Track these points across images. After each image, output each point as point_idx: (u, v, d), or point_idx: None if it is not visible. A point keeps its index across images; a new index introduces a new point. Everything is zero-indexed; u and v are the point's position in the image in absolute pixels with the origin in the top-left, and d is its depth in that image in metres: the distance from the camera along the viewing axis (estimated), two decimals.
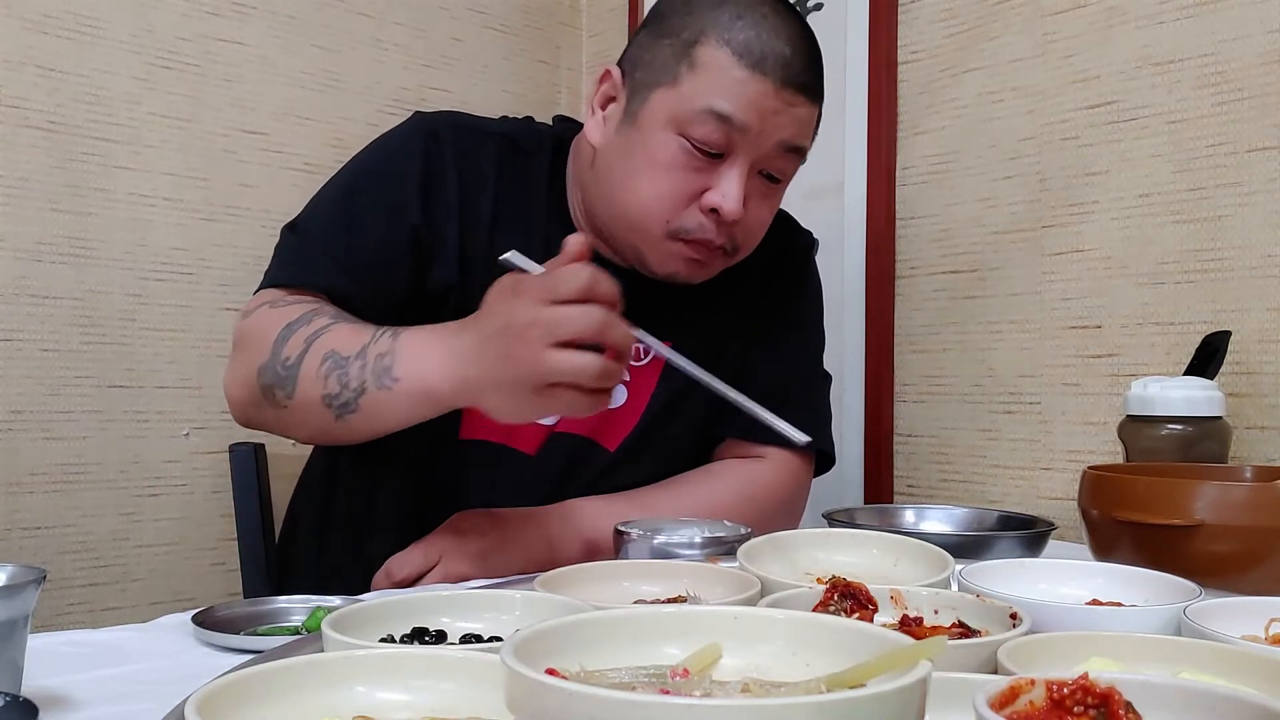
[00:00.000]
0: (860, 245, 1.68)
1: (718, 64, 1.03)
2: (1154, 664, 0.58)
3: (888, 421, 1.65)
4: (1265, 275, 1.28)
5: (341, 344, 0.96)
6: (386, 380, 0.93)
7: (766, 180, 1.08)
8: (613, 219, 1.10)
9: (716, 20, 1.04)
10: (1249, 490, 0.91)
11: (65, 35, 1.61)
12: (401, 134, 1.15)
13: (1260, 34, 1.28)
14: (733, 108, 1.02)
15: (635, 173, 1.06)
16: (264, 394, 1.01)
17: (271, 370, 0.99)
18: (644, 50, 1.08)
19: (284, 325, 1.00)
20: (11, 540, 1.55)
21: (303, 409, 0.99)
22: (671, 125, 1.04)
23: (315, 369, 0.96)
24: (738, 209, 1.04)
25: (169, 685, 0.60)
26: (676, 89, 1.04)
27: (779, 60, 1.03)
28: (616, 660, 0.47)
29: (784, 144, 1.06)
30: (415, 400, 0.93)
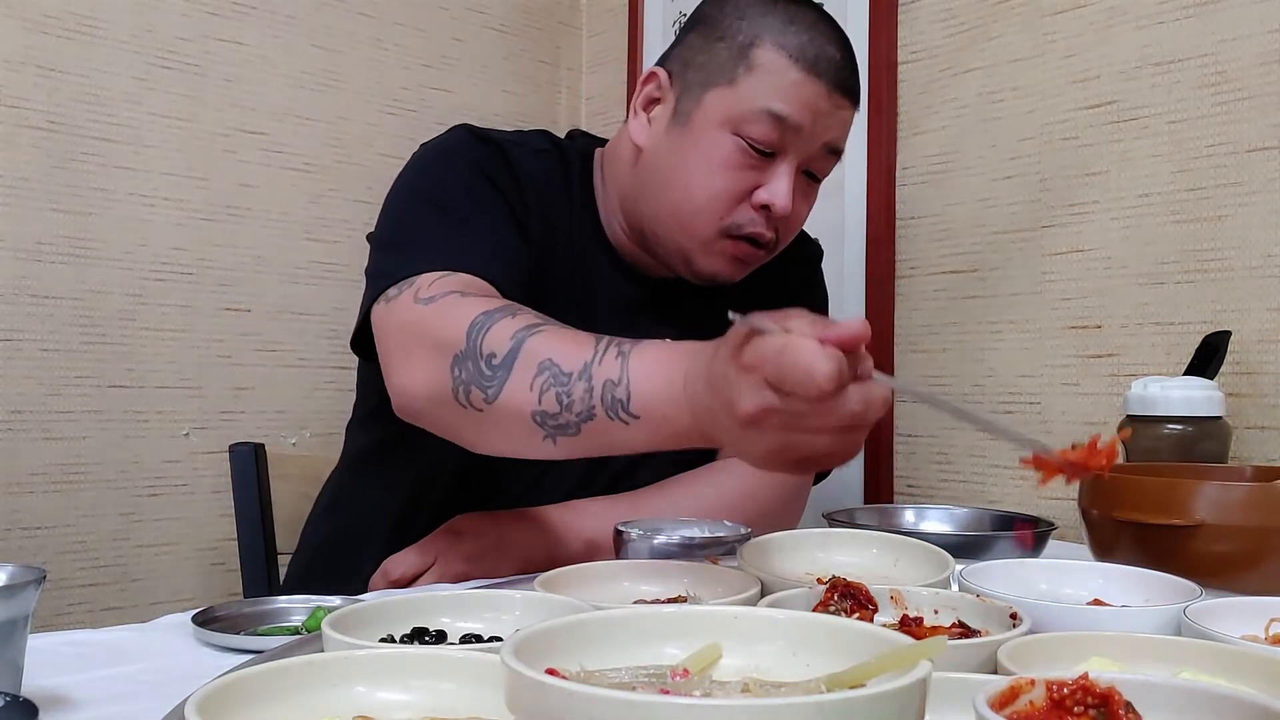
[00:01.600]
0: (860, 245, 1.68)
1: (775, 65, 1.06)
2: (1154, 664, 0.58)
3: (888, 421, 1.65)
4: (1265, 275, 1.28)
5: (559, 353, 0.83)
6: (621, 413, 0.80)
7: (809, 179, 1.13)
8: (661, 219, 1.12)
9: (770, 25, 1.07)
10: (1249, 490, 0.91)
11: (65, 35, 1.61)
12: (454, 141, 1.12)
13: (1260, 34, 1.28)
14: (789, 108, 1.05)
15: (689, 171, 1.08)
16: (457, 392, 0.88)
17: (471, 363, 0.86)
18: (696, 52, 1.11)
19: (481, 312, 0.88)
20: (11, 540, 1.55)
21: (505, 418, 0.86)
22: (727, 125, 1.07)
23: (529, 379, 0.84)
24: (788, 205, 1.08)
25: (169, 685, 0.60)
26: (734, 89, 1.06)
27: (832, 64, 1.07)
28: (616, 660, 0.47)
29: (829, 145, 1.10)
30: (651, 439, 0.81)
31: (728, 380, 0.70)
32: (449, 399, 0.88)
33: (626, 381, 0.80)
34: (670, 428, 0.79)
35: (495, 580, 0.98)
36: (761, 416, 0.68)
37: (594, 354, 0.82)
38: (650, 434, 0.80)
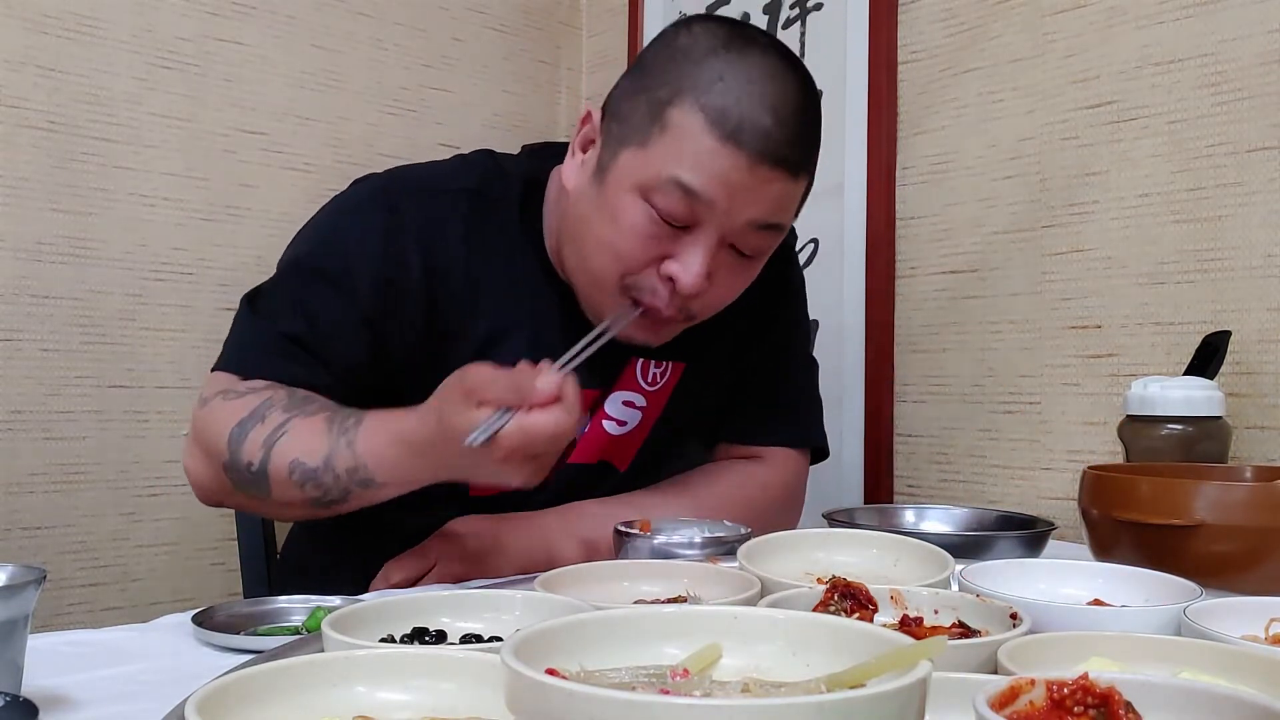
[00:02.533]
0: (860, 245, 1.68)
1: (689, 130, 0.94)
2: (1154, 664, 0.58)
3: (888, 421, 1.65)
4: (1265, 275, 1.28)
5: (302, 451, 0.93)
6: (371, 487, 0.93)
7: (736, 254, 1.01)
8: (573, 272, 1.07)
9: (696, 79, 0.95)
10: (1249, 490, 0.91)
11: (65, 35, 1.61)
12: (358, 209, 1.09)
13: (1260, 34, 1.28)
14: (698, 181, 0.94)
15: (599, 230, 1.00)
16: (237, 490, 0.99)
17: (238, 473, 0.97)
18: (622, 101, 1.01)
19: (236, 424, 0.97)
20: (11, 540, 1.56)
21: (283, 505, 0.99)
22: (637, 190, 0.97)
23: (286, 477, 0.94)
24: (696, 284, 0.97)
25: (169, 685, 0.60)
26: (645, 152, 0.96)
27: (756, 131, 0.94)
28: (616, 660, 0.47)
29: (755, 222, 0.98)
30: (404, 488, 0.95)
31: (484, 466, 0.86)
32: (233, 493, 1.00)
33: (364, 465, 0.92)
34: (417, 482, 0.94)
35: (495, 580, 0.98)
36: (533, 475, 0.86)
37: (330, 447, 0.93)
38: (402, 488, 0.94)
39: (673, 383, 1.16)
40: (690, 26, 1.01)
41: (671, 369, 1.16)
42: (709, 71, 0.95)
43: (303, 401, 0.98)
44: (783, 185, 0.97)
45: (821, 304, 1.73)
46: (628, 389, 1.16)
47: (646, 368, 1.15)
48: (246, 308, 1.08)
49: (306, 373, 1.02)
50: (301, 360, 1.03)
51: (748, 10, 1.87)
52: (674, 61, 0.98)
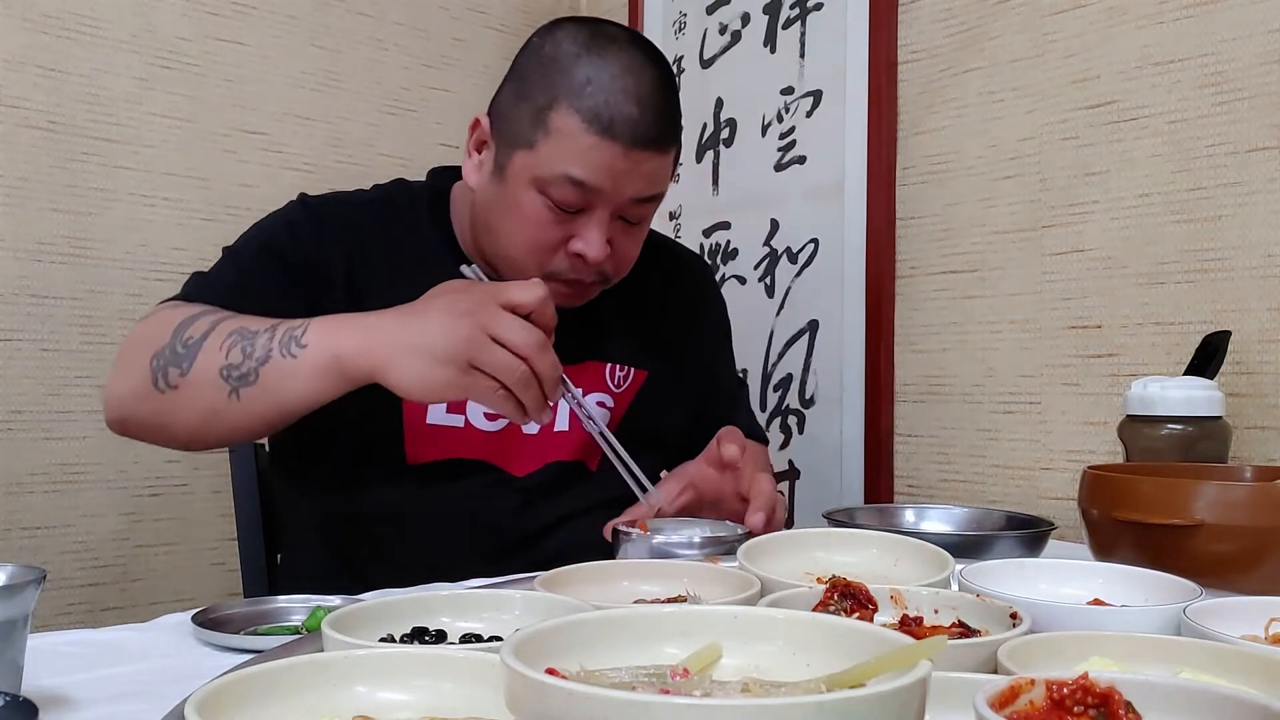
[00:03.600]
0: (860, 245, 1.68)
1: (569, 131, 1.08)
2: (1154, 664, 0.58)
3: (888, 421, 1.65)
4: (1265, 275, 1.28)
5: (251, 323, 1.01)
6: (294, 348, 0.98)
7: (627, 223, 1.15)
8: (494, 258, 1.18)
9: (568, 86, 1.08)
10: (1249, 490, 0.91)
11: (65, 35, 1.61)
12: (281, 213, 1.22)
13: (1260, 34, 1.28)
14: (585, 173, 1.08)
15: (506, 224, 1.14)
16: (155, 379, 1.02)
17: (169, 352, 1.01)
18: (508, 108, 1.14)
19: (187, 314, 1.04)
20: (11, 540, 1.56)
21: (193, 386, 1.00)
22: (533, 185, 1.10)
23: (218, 344, 1.00)
24: (601, 253, 1.12)
25: (169, 685, 0.60)
26: (535, 154, 1.10)
27: (627, 123, 1.07)
28: (616, 660, 0.47)
29: (638, 197, 1.12)
30: (319, 369, 0.98)
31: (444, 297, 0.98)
32: (150, 391, 1.02)
33: (306, 326, 0.99)
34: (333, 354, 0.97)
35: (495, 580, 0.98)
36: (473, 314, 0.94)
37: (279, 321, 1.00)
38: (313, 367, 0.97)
39: (635, 387, 1.27)
40: (553, 33, 1.14)
41: (634, 375, 1.27)
42: (578, 76, 1.09)
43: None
44: (656, 161, 1.12)
45: (821, 304, 1.73)
46: (600, 390, 1.24)
47: (614, 371, 1.26)
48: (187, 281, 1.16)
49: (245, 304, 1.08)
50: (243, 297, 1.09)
51: (748, 10, 1.87)
52: (545, 68, 1.11)
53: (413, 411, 1.15)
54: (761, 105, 1.84)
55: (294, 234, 1.17)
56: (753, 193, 1.85)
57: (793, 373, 1.77)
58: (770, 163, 1.82)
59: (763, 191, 1.83)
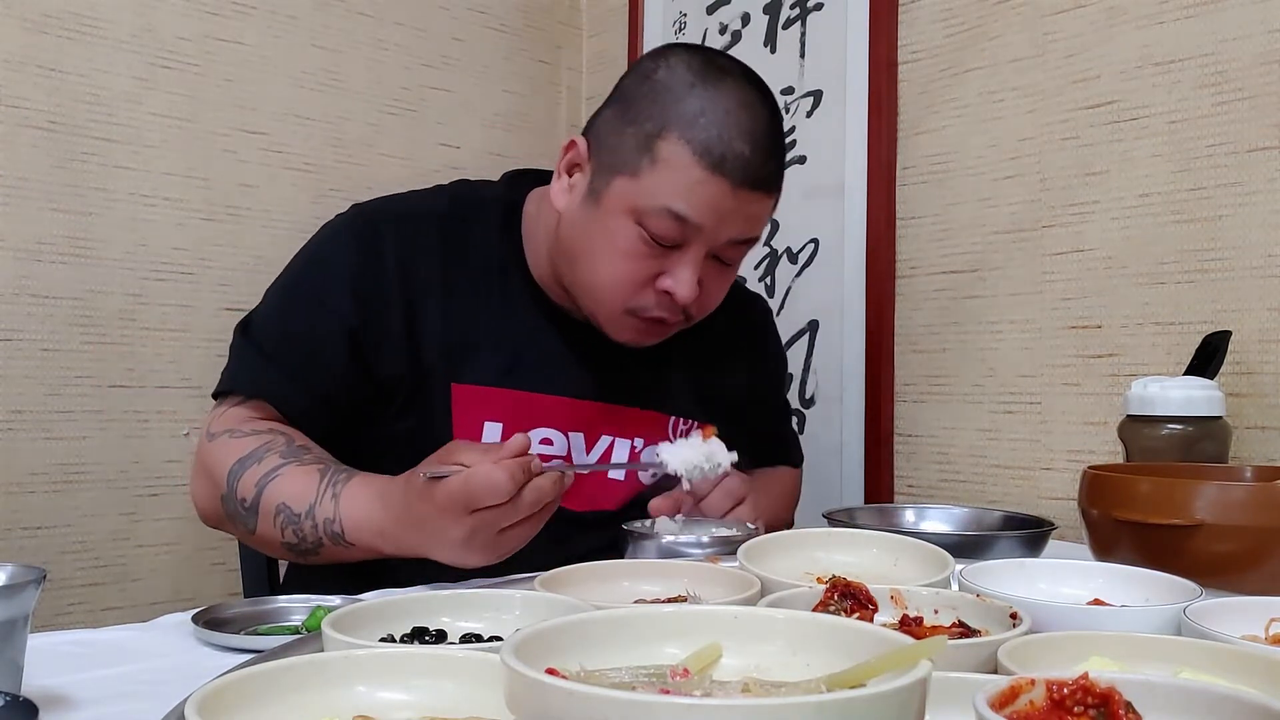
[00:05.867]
0: (860, 245, 1.68)
1: (678, 162, 1.04)
2: (1154, 664, 0.58)
3: (888, 421, 1.65)
4: (1265, 275, 1.28)
5: (290, 496, 1.02)
6: (341, 544, 1.01)
7: (719, 263, 1.12)
8: (575, 285, 1.14)
9: (680, 115, 1.04)
10: (1249, 490, 0.91)
11: (65, 35, 1.61)
12: (336, 233, 1.18)
13: (1260, 34, 1.28)
14: (689, 208, 1.04)
15: (595, 252, 1.09)
16: (231, 520, 1.08)
17: (232, 507, 1.06)
18: (610, 132, 1.10)
19: (236, 461, 1.06)
20: (11, 540, 1.55)
21: (267, 543, 1.07)
22: (631, 214, 1.06)
23: (271, 517, 1.03)
24: (691, 294, 1.08)
25: (169, 685, 0.60)
26: (637, 181, 1.06)
27: (738, 161, 1.04)
28: (616, 660, 0.47)
29: (736, 239, 1.09)
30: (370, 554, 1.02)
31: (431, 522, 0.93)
32: (225, 521, 1.09)
33: (339, 519, 1.00)
34: (380, 550, 1.00)
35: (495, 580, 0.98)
36: (470, 538, 0.91)
37: (316, 496, 1.01)
38: (366, 554, 1.01)
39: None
40: (667, 59, 1.10)
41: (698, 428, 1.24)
42: (690, 106, 1.05)
43: (300, 451, 1.06)
44: (760, 204, 1.09)
45: (821, 304, 1.73)
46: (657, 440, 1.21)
47: (676, 423, 1.26)
48: (239, 334, 1.15)
49: (292, 388, 1.10)
50: (288, 377, 1.10)
51: (748, 10, 1.87)
52: (656, 95, 1.07)
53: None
54: None
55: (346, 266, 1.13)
56: None
57: (793, 373, 1.76)
58: None
59: None
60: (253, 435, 1.08)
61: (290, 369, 1.11)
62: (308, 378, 1.11)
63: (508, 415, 1.14)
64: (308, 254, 1.18)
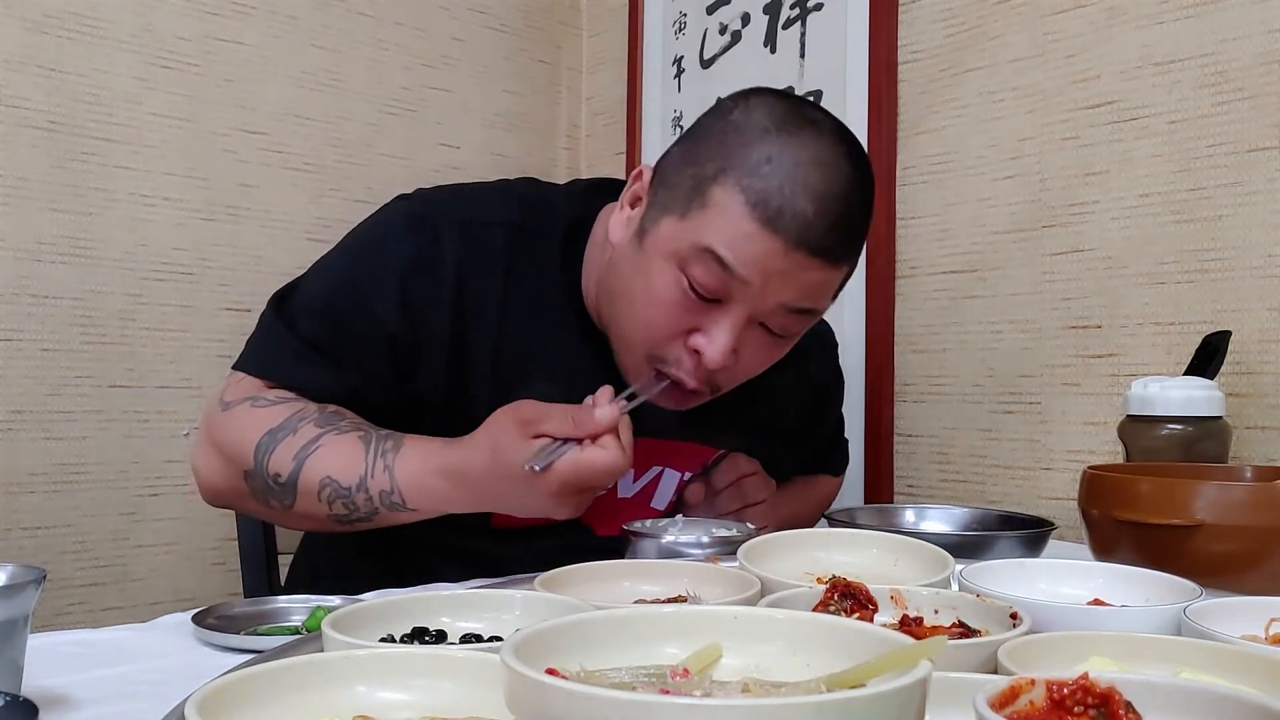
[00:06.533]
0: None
1: (729, 209, 0.93)
2: (1154, 664, 0.58)
3: (888, 421, 1.65)
4: (1265, 275, 1.28)
5: (337, 469, 0.96)
6: (400, 510, 0.97)
7: (766, 332, 1.00)
8: (609, 325, 1.07)
9: (744, 160, 0.94)
10: (1249, 490, 0.91)
11: (65, 35, 1.61)
12: (396, 226, 1.08)
13: (1260, 34, 1.28)
14: (734, 259, 0.93)
15: (632, 294, 1.00)
16: (255, 498, 1.01)
17: (261, 482, 0.99)
18: (672, 169, 1.00)
19: (265, 432, 0.98)
20: (11, 540, 1.56)
21: (305, 519, 1.01)
22: (673, 259, 0.96)
23: (315, 491, 0.97)
24: (721, 360, 0.97)
25: (169, 685, 0.60)
26: (683, 224, 0.96)
27: (797, 219, 0.92)
28: (616, 660, 0.47)
29: (788, 306, 0.97)
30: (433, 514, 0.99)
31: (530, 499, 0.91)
32: (246, 498, 1.02)
33: (398, 489, 0.95)
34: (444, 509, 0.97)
35: (495, 580, 0.98)
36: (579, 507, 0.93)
37: (366, 468, 0.96)
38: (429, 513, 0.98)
39: None
40: (749, 100, 0.99)
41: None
42: (757, 153, 0.94)
43: (334, 417, 1.00)
44: (821, 274, 0.96)
45: None
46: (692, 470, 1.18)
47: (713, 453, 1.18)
48: (273, 309, 1.07)
49: (325, 379, 1.03)
50: (321, 367, 1.03)
51: (748, 10, 1.87)
52: (725, 136, 0.96)
53: None
54: None
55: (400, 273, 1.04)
56: None
57: None
58: None
59: None
60: (281, 404, 1.00)
61: (323, 359, 1.03)
62: (338, 371, 1.03)
63: None
64: (362, 240, 1.09)
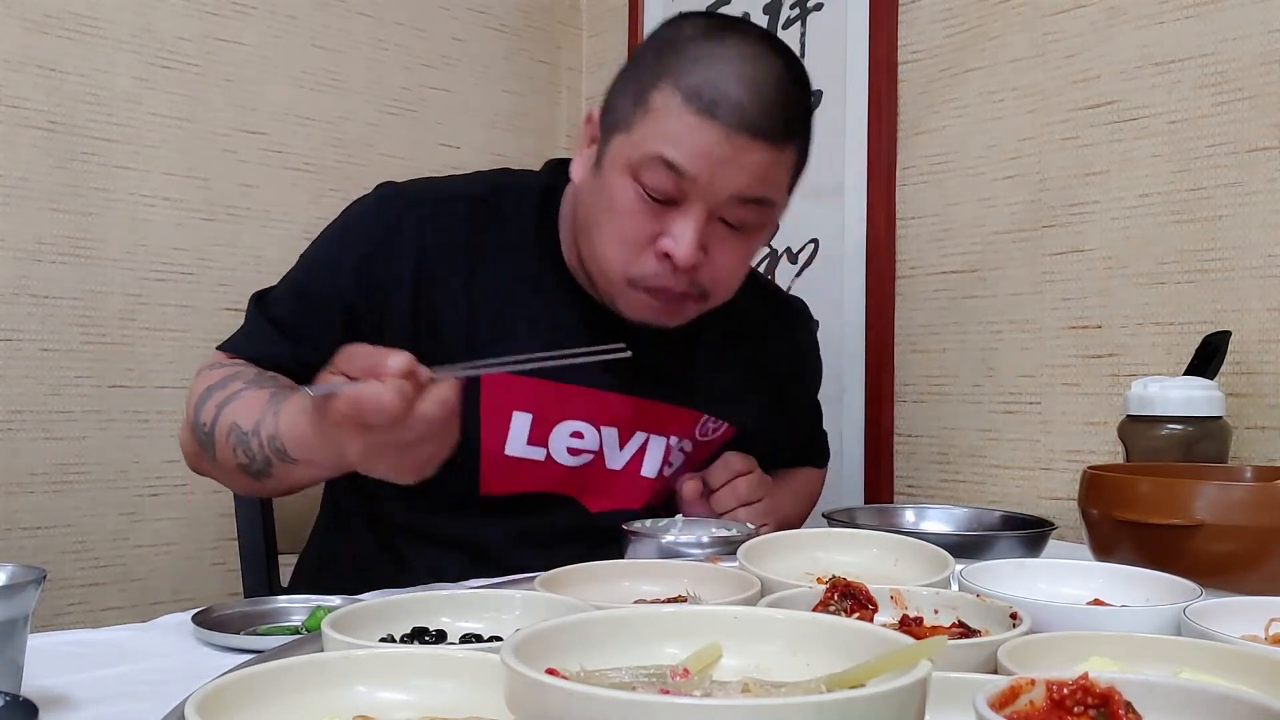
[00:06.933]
0: (860, 245, 1.68)
1: (667, 109, 0.99)
2: (1154, 664, 0.58)
3: (888, 421, 1.65)
4: (1265, 275, 1.28)
5: (241, 417, 1.00)
6: (286, 460, 0.98)
7: (728, 227, 1.04)
8: (589, 262, 1.09)
9: (677, 64, 1.00)
10: (1249, 490, 0.91)
11: (65, 35, 1.61)
12: (362, 210, 1.15)
13: (1260, 34, 1.28)
14: (680, 155, 0.98)
15: (598, 218, 1.05)
16: (202, 454, 1.07)
17: (198, 431, 1.05)
18: (615, 95, 1.07)
19: (204, 389, 1.06)
20: (11, 540, 1.56)
21: (226, 470, 1.04)
22: (627, 170, 1.01)
23: (225, 439, 1.01)
24: (690, 256, 1.00)
25: (169, 685, 0.60)
26: (630, 134, 1.01)
27: (732, 104, 0.97)
28: (616, 660, 0.47)
29: (740, 195, 1.01)
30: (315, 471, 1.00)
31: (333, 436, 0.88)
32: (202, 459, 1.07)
33: (279, 433, 0.96)
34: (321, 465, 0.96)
35: (495, 580, 0.98)
36: (370, 452, 0.87)
37: (261, 415, 0.98)
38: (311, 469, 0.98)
39: (721, 439, 1.23)
40: (679, 21, 1.06)
41: (725, 429, 1.22)
42: (688, 55, 1.00)
43: (265, 379, 1.05)
44: (763, 155, 1.00)
45: (821, 304, 1.73)
46: (687, 437, 1.20)
47: (706, 423, 1.20)
48: (252, 301, 1.15)
49: (276, 350, 1.09)
50: (277, 340, 1.09)
51: (748, 10, 1.87)
52: (659, 50, 1.03)
53: (492, 440, 1.10)
54: None
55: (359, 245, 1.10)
56: None
57: None
58: None
59: None
60: (226, 366, 1.08)
61: (278, 335, 1.09)
62: (292, 342, 1.09)
63: (536, 405, 1.11)
64: (332, 227, 1.16)
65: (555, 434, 1.11)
